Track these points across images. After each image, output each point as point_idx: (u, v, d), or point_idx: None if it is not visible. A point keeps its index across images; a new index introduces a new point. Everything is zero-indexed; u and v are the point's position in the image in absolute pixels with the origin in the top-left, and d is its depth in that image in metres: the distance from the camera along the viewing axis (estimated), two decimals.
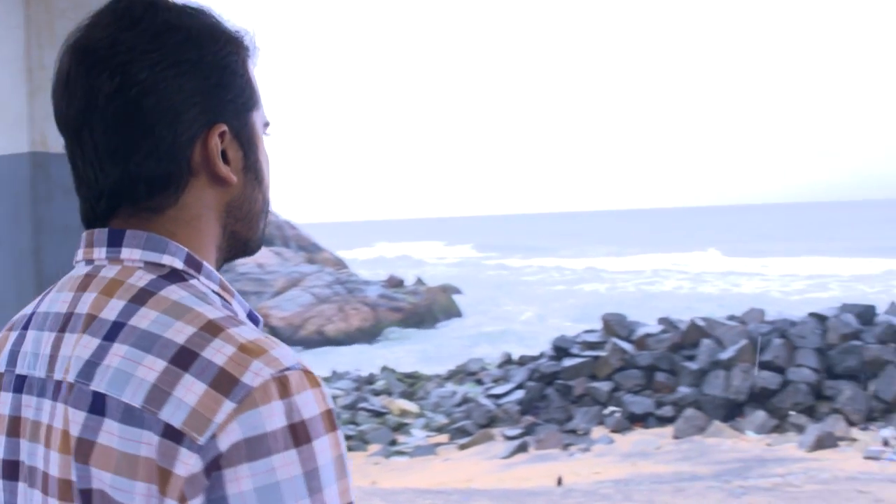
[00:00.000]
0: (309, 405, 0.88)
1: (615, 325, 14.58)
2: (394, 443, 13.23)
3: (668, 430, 12.07)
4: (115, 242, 1.00)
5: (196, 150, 0.99)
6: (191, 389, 0.86)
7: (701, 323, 13.50)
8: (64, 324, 0.99)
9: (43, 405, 0.97)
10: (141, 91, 0.97)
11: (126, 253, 0.99)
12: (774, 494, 8.17)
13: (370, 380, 17.30)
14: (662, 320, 14.43)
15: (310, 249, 32.62)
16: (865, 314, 12.48)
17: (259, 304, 25.84)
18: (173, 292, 0.95)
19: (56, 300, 1.02)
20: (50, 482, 0.94)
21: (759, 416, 11.55)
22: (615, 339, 14.16)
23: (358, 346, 24.86)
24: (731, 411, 12.01)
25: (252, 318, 1.04)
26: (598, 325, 15.28)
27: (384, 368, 18.35)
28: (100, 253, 1.01)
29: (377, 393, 16.13)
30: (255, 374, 0.86)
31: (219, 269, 1.06)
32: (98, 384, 0.91)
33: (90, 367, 0.92)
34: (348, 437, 12.03)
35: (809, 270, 40.77)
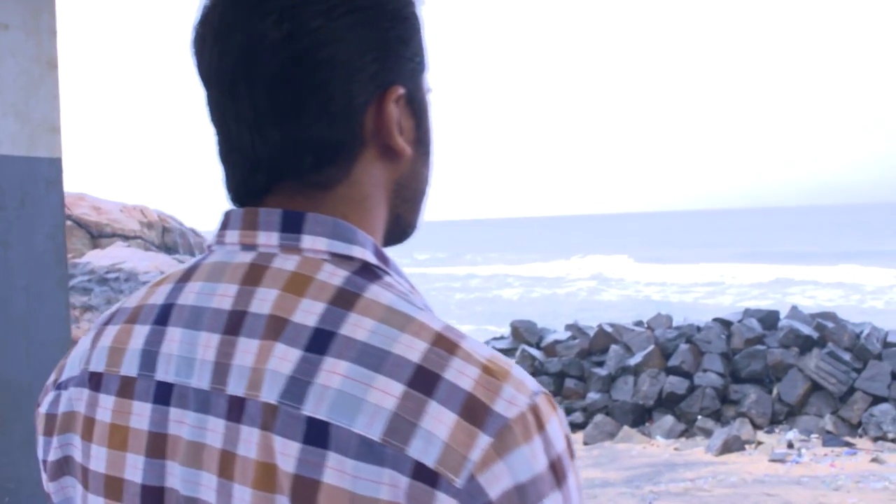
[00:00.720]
0: (558, 435, 0.76)
1: (524, 332, 14.59)
2: None
3: (579, 436, 12.12)
4: (292, 227, 0.84)
5: (369, 115, 0.85)
6: (440, 420, 0.73)
7: (609, 329, 13.60)
8: (234, 324, 0.82)
9: (208, 424, 0.80)
10: (314, 41, 0.83)
11: (308, 241, 0.83)
12: (685, 499, 8.23)
13: None
14: (570, 326, 14.50)
15: None
16: (768, 319, 12.72)
17: None
18: (380, 294, 0.80)
19: (210, 292, 0.85)
20: None
21: (668, 420, 11.67)
22: (524, 346, 14.18)
23: None
24: (640, 416, 12.11)
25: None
26: (507, 332, 15.32)
27: None
28: (268, 238, 0.84)
29: None
30: (510, 403, 0.73)
31: None
32: (315, 409, 0.75)
33: (298, 386, 0.76)
34: None
35: (710, 276, 41.64)
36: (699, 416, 11.69)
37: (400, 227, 0.93)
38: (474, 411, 0.73)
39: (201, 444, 0.80)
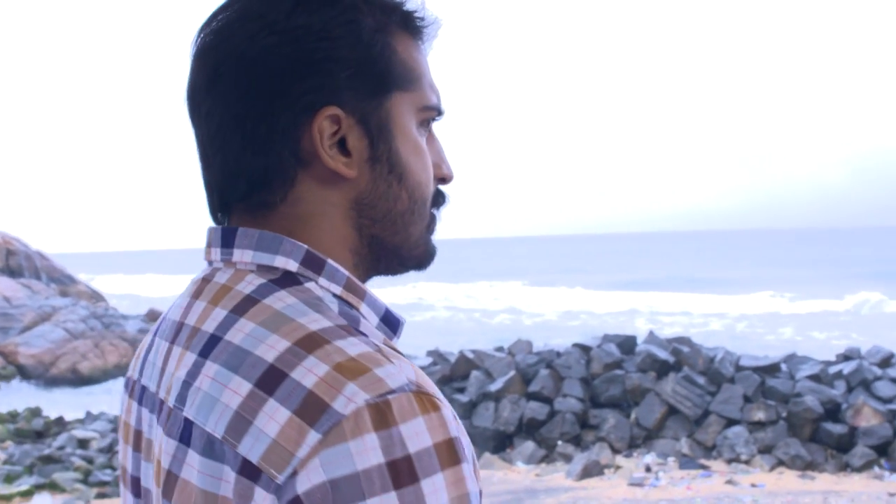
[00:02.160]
0: (419, 436, 0.72)
1: None
2: None
3: None
4: (227, 242, 0.90)
5: (306, 138, 0.86)
6: (273, 417, 0.74)
7: (470, 355, 13.55)
8: (175, 334, 0.91)
9: (153, 423, 0.90)
10: (235, 73, 0.86)
11: (238, 255, 0.89)
12: None
13: None
14: (432, 353, 14.40)
15: (63, 281, 30.79)
16: (626, 344, 12.90)
17: (5, 340, 24.02)
18: (279, 299, 0.83)
19: (177, 306, 0.94)
20: None
21: (529, 446, 11.66)
22: None
23: (116, 383, 23.55)
24: (502, 443, 12.07)
25: (388, 320, 0.92)
26: None
27: None
28: (216, 254, 0.92)
29: None
30: (348, 400, 0.73)
31: (364, 281, 0.93)
32: (188, 409, 0.82)
33: (185, 389, 0.83)
34: (104, 484, 11.19)
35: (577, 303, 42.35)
36: (559, 442, 11.72)
37: (388, 250, 0.92)
38: (310, 409, 0.73)
39: (150, 441, 0.90)
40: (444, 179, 0.97)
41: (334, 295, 0.87)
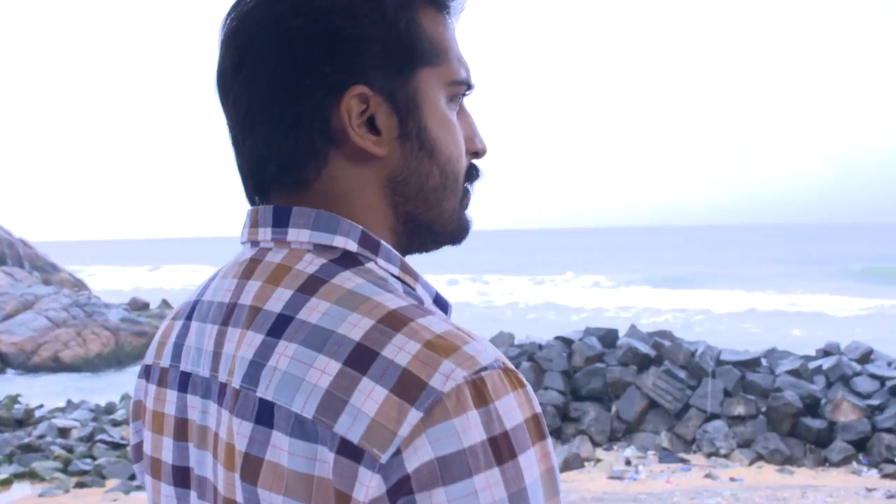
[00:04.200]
0: (512, 412, 0.74)
1: None
2: (134, 477, 12.42)
3: None
4: (280, 221, 0.89)
5: (335, 118, 0.86)
6: (370, 396, 0.74)
7: None
8: (227, 316, 0.89)
9: (209, 408, 0.88)
10: (264, 52, 0.86)
11: (293, 234, 0.88)
12: None
13: (110, 409, 16.26)
14: None
15: (46, 269, 30.65)
16: (608, 337, 12.93)
17: None
18: (348, 279, 0.83)
19: (220, 287, 0.92)
20: (218, 499, 0.85)
21: None
22: None
23: (98, 372, 23.47)
24: None
25: (440, 303, 0.92)
26: None
27: (125, 397, 17.33)
28: (265, 234, 0.90)
29: (117, 423, 15.14)
30: (446, 378, 0.73)
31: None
32: (264, 390, 0.80)
33: (255, 370, 0.81)
34: (83, 473, 11.16)
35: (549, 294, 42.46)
36: None
37: (422, 227, 0.92)
38: (407, 387, 0.73)
39: (206, 428, 0.88)
40: (477, 153, 0.96)
41: (392, 276, 0.87)
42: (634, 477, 10.08)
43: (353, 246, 0.86)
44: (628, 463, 10.69)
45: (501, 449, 0.72)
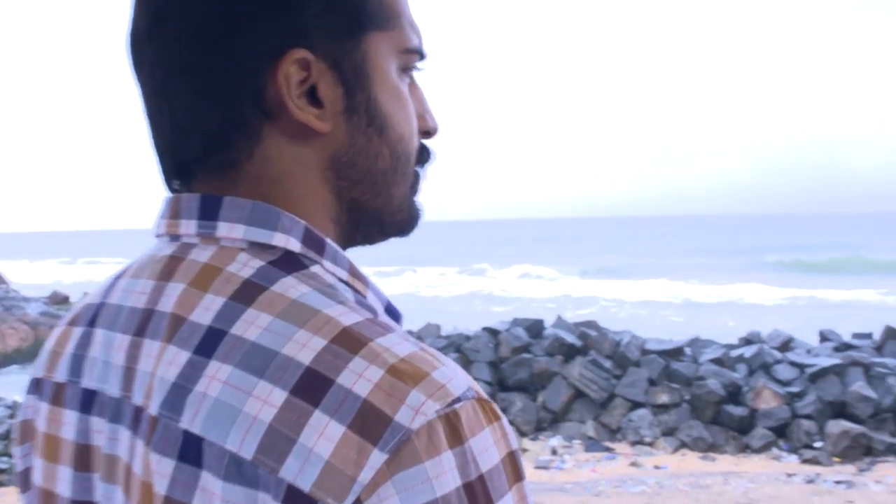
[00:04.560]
0: (488, 451, 0.64)
1: None
2: None
3: None
4: (208, 213, 0.76)
5: (270, 86, 0.74)
6: (324, 434, 0.62)
7: None
8: (142, 325, 0.75)
9: (119, 435, 0.74)
10: (186, 8, 0.74)
11: (224, 229, 0.75)
12: None
13: None
14: None
15: None
16: (535, 328, 12.98)
17: None
18: (292, 287, 0.71)
19: (132, 289, 0.78)
20: None
21: None
22: None
23: (16, 368, 22.89)
24: None
25: (392, 313, 0.79)
26: None
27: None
28: (188, 227, 0.76)
29: None
30: (415, 412, 0.62)
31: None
32: (190, 421, 0.67)
33: (179, 395, 0.68)
34: (1, 472, 10.84)
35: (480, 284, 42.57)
36: None
37: (368, 216, 0.81)
38: (369, 422, 0.62)
39: (115, 458, 0.74)
40: (428, 133, 0.86)
41: (341, 281, 0.75)
42: (560, 466, 10.13)
43: (295, 245, 0.74)
44: (554, 452, 10.75)
45: (477, 496, 0.63)
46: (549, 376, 12.02)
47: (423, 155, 0.86)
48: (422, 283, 44.08)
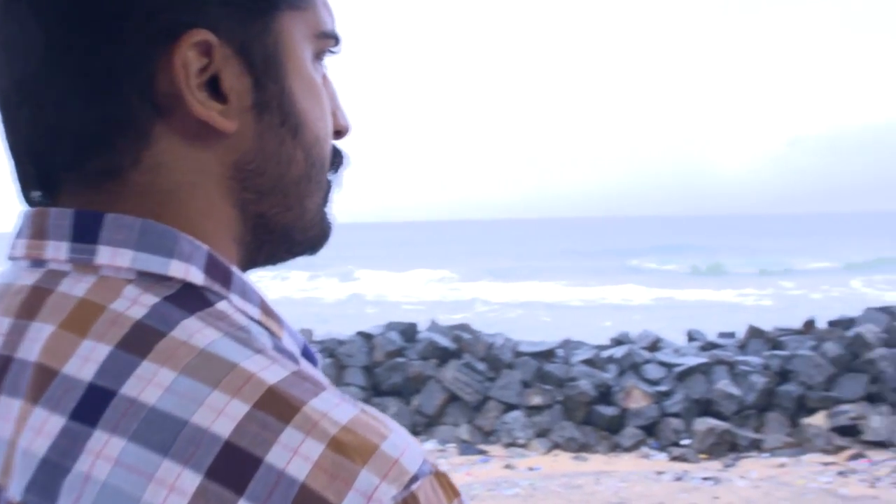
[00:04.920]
0: None
1: None
2: None
3: None
4: (85, 234, 0.60)
5: (162, 75, 0.60)
6: None
7: None
8: None
9: None
10: None
11: (106, 254, 0.59)
12: None
13: None
14: None
15: None
16: (409, 331, 12.92)
17: None
18: (196, 331, 0.56)
19: None
20: None
21: None
22: None
23: None
24: None
25: (308, 357, 0.64)
26: None
27: None
28: (58, 250, 0.60)
29: None
30: (367, 499, 0.50)
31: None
32: None
33: (51, 475, 0.52)
34: None
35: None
36: None
37: (275, 234, 0.68)
38: None
39: None
40: (339, 133, 0.73)
41: (253, 320, 0.61)
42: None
43: (196, 276, 0.60)
44: None
45: None
46: (424, 380, 11.98)
47: (337, 159, 0.74)
48: (293, 286, 43.60)
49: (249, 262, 0.69)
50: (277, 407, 0.53)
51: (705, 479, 9.03)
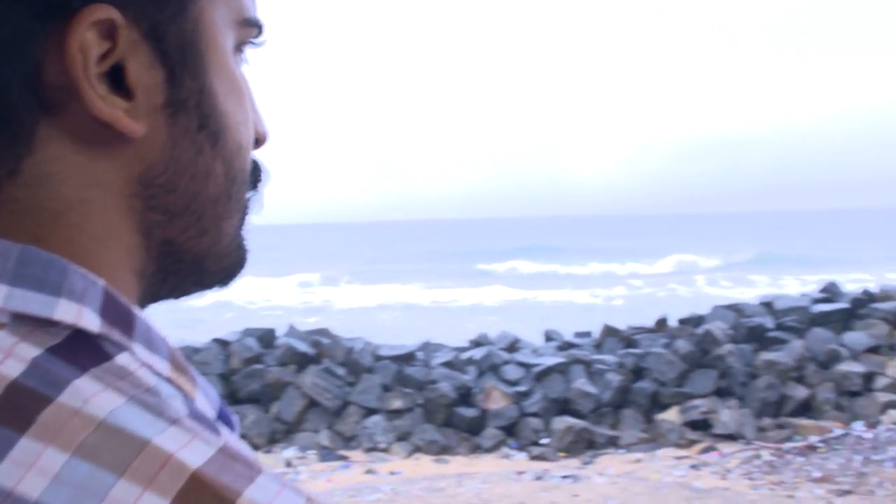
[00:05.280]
0: None
1: None
2: None
3: None
4: None
5: (51, 61, 0.47)
6: None
7: None
8: None
9: None
10: None
11: None
12: None
13: None
14: None
15: None
16: (266, 337, 12.68)
17: None
18: (92, 396, 0.43)
19: None
20: None
21: None
22: None
23: None
24: None
25: (225, 420, 0.53)
26: None
27: None
28: None
29: None
30: None
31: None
32: None
33: None
34: None
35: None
36: None
37: (185, 263, 0.56)
38: None
39: None
40: (257, 141, 0.61)
41: (161, 377, 0.49)
42: (295, 478, 9.91)
43: (91, 320, 0.48)
44: (289, 465, 10.51)
45: None
46: (282, 386, 11.78)
47: (256, 173, 0.62)
48: None
49: (150, 299, 0.57)
50: (205, 500, 0.42)
51: (564, 477, 9.15)
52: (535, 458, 10.50)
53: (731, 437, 10.64)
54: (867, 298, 12.50)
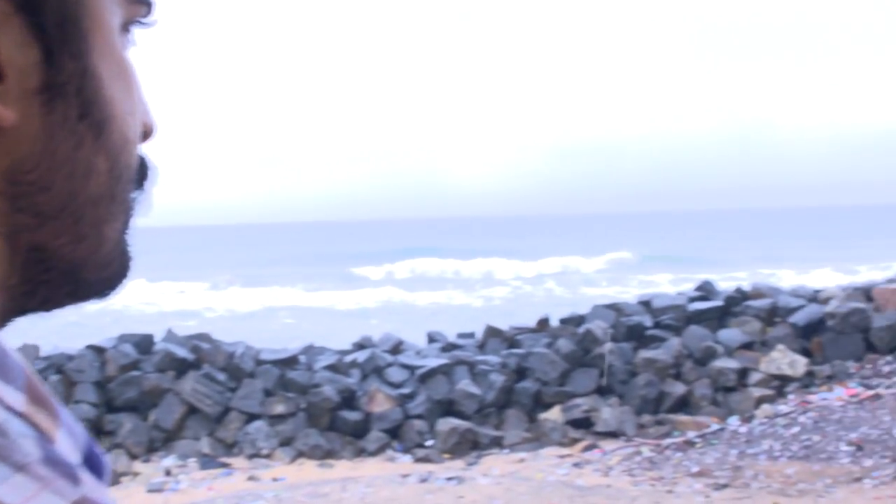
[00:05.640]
0: None
1: None
2: None
3: None
4: None
5: None
6: None
7: None
8: None
9: None
10: None
11: None
12: None
13: None
14: None
15: None
16: (144, 343, 12.34)
17: None
18: None
19: None
20: None
21: None
22: None
23: None
24: None
25: (93, 463, 0.45)
26: None
27: None
28: None
29: None
30: None
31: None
32: None
33: None
34: None
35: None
36: None
37: (60, 273, 0.48)
38: None
39: None
40: (144, 134, 0.54)
41: (12, 412, 0.42)
42: (175, 487, 9.68)
43: None
44: (168, 473, 10.27)
45: None
46: (161, 393, 11.48)
47: (142, 171, 0.55)
48: None
49: (14, 313, 0.50)
50: None
51: (449, 479, 9.16)
52: (419, 460, 10.49)
53: (612, 435, 10.84)
54: (740, 297, 12.93)
